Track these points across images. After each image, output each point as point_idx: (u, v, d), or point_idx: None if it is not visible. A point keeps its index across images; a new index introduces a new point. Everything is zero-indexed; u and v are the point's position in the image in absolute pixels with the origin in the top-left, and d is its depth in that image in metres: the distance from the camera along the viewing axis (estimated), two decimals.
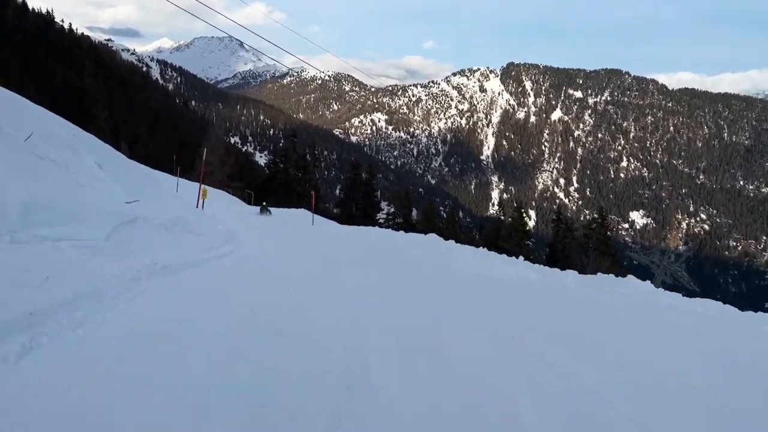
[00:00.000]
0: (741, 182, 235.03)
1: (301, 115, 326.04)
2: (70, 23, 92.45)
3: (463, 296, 7.37)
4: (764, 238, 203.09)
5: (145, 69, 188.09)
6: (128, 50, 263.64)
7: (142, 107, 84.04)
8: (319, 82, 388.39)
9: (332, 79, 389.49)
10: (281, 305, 5.54)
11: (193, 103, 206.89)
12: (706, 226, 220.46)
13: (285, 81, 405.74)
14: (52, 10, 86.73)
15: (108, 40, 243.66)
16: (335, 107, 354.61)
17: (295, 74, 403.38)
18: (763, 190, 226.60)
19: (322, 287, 7.16)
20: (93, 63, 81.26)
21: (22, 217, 4.94)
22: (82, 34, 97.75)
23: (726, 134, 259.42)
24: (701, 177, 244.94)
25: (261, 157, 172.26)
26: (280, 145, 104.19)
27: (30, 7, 78.13)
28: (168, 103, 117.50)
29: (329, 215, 47.57)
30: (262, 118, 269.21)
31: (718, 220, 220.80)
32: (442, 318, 5.69)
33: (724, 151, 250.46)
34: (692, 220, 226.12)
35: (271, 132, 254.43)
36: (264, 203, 33.28)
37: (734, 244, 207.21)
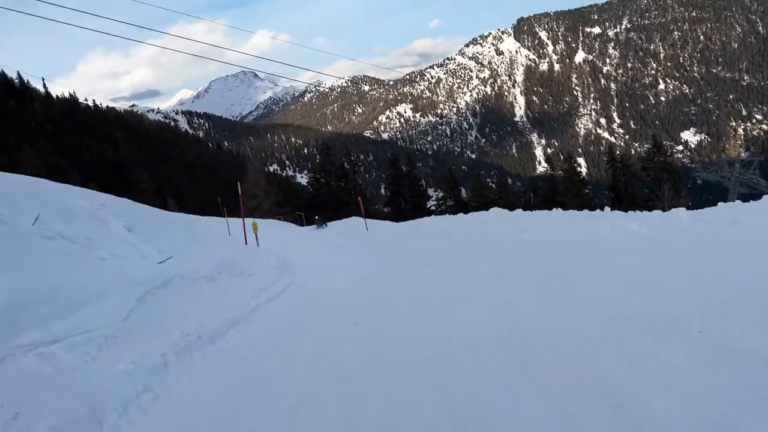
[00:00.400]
0: None
1: (329, 127, 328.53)
2: (93, 100, 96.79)
3: (578, 280, 5.60)
4: None
5: (172, 124, 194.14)
6: (153, 110, 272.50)
7: (178, 160, 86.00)
8: (339, 90, 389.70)
9: (350, 84, 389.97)
10: (349, 355, 4.21)
11: (226, 143, 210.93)
12: (765, 126, 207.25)
13: (306, 99, 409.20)
14: (75, 92, 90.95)
15: (132, 106, 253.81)
16: (359, 110, 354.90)
17: (314, 89, 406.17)
18: None
19: (397, 309, 5.76)
20: (124, 131, 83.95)
21: (5, 323, 3.84)
22: (107, 107, 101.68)
23: (761, 27, 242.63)
24: (746, 78, 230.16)
25: (302, 177, 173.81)
26: (317, 161, 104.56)
27: (54, 95, 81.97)
28: (201, 150, 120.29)
29: (380, 216, 46.92)
30: (293, 140, 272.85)
31: None
32: (576, 322, 4.09)
33: (763, 45, 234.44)
34: (748, 124, 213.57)
35: (305, 151, 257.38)
36: (317, 217, 33.56)
37: None
